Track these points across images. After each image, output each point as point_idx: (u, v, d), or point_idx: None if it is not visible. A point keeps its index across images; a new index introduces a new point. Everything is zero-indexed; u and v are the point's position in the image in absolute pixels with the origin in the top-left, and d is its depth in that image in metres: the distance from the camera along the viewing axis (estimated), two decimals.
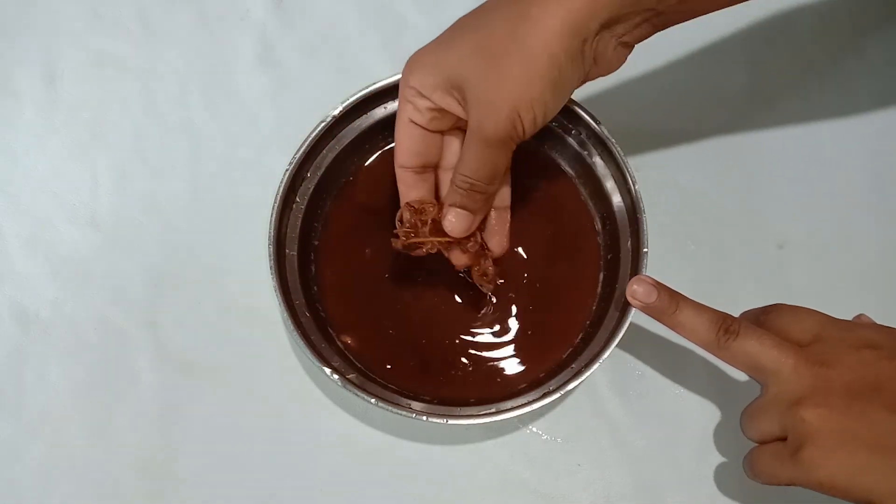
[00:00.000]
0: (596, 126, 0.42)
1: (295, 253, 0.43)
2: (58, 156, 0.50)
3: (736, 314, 0.37)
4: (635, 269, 0.40)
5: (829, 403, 0.33)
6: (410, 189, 0.39)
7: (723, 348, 0.35)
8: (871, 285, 0.46)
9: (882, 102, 0.50)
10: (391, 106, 0.44)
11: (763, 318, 0.37)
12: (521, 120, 0.34)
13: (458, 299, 0.44)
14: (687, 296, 0.37)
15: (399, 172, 0.39)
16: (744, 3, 0.36)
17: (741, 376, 0.44)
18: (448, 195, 0.38)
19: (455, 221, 0.38)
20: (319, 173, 0.44)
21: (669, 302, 0.36)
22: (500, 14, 0.34)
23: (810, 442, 0.32)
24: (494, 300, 0.44)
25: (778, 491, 0.42)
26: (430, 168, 0.40)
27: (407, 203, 0.39)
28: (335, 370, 0.39)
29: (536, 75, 0.34)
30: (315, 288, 0.44)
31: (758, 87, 0.50)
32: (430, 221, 0.39)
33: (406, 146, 0.38)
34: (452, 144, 0.39)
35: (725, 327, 0.35)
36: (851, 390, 0.33)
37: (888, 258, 0.47)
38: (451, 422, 0.38)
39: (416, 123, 0.37)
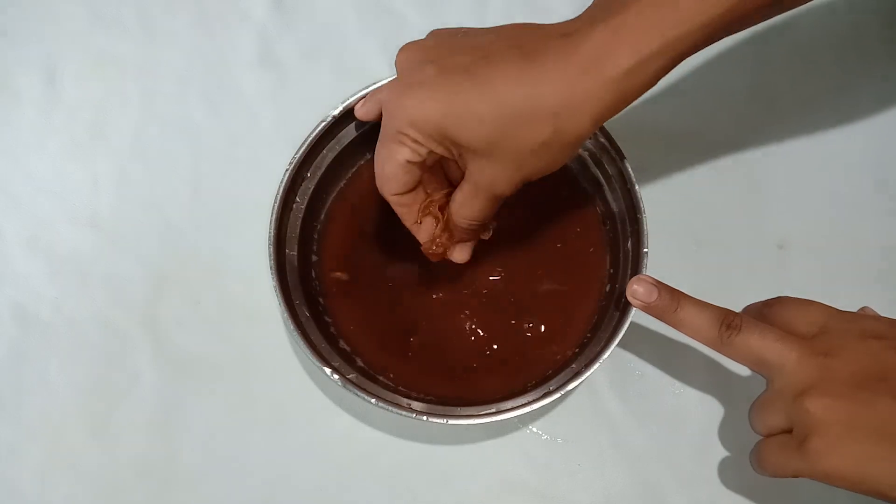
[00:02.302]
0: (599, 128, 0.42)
1: (295, 253, 0.43)
2: (58, 156, 0.50)
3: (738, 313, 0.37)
4: (636, 269, 0.40)
5: (834, 393, 0.33)
6: (411, 210, 0.38)
7: (726, 344, 0.35)
8: (871, 285, 0.46)
9: (882, 102, 0.50)
10: None
11: (766, 311, 0.37)
12: (533, 178, 0.35)
13: (458, 299, 0.44)
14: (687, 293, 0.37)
15: (392, 199, 0.38)
16: None
17: (741, 376, 0.44)
18: (453, 234, 0.39)
19: (464, 254, 0.40)
20: (319, 173, 0.44)
21: (670, 300, 0.36)
22: (514, 81, 0.32)
23: (816, 433, 0.32)
24: (494, 300, 0.44)
25: (778, 491, 0.43)
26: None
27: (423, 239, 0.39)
28: (335, 370, 0.39)
29: (559, 157, 0.34)
30: (315, 288, 0.44)
31: (758, 87, 0.50)
32: (444, 225, 0.39)
33: (401, 181, 0.37)
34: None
35: (727, 323, 0.35)
36: (857, 380, 0.33)
37: (888, 258, 0.47)
38: (451, 422, 0.38)
39: (411, 162, 0.36)
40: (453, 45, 0.35)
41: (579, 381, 0.39)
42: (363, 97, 0.42)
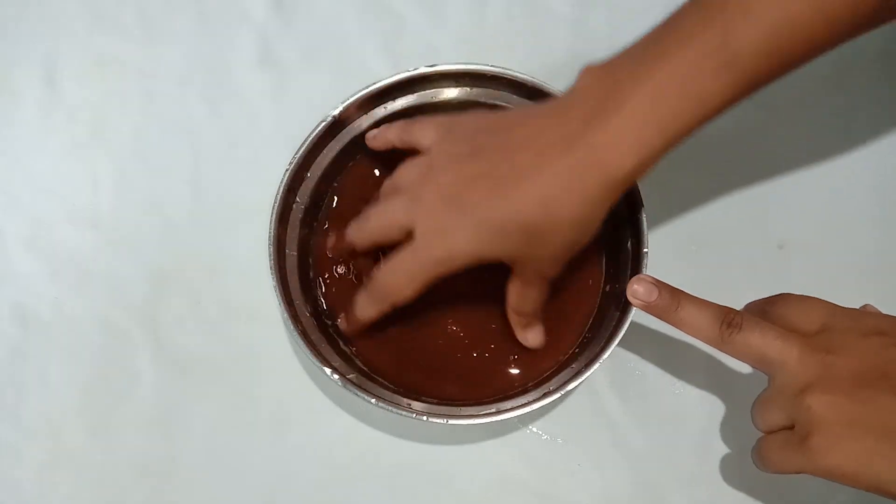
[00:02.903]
0: None
1: (295, 253, 0.43)
2: (58, 156, 0.50)
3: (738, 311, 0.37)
4: (636, 269, 0.40)
5: (835, 390, 0.33)
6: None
7: (727, 343, 0.35)
8: (871, 285, 0.46)
9: (882, 102, 0.50)
10: (391, 106, 0.45)
11: (768, 309, 0.37)
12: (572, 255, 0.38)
13: (459, 299, 0.44)
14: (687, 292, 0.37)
15: (387, 307, 0.40)
16: None
17: (742, 376, 0.44)
18: (518, 327, 0.42)
19: (537, 337, 0.42)
20: (319, 173, 0.44)
21: (671, 300, 0.36)
22: (534, 203, 0.35)
23: (818, 429, 0.32)
24: (494, 301, 0.44)
25: (779, 491, 0.43)
26: None
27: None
28: (335, 370, 0.39)
29: (587, 239, 0.37)
30: (315, 288, 0.44)
31: None
32: None
33: (411, 297, 0.39)
34: None
35: (728, 321, 0.35)
36: (858, 377, 0.33)
37: (888, 258, 0.47)
38: (451, 422, 0.38)
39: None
40: (465, 177, 0.36)
41: (579, 381, 0.39)
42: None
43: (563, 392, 0.38)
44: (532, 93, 0.43)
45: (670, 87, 0.32)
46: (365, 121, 0.44)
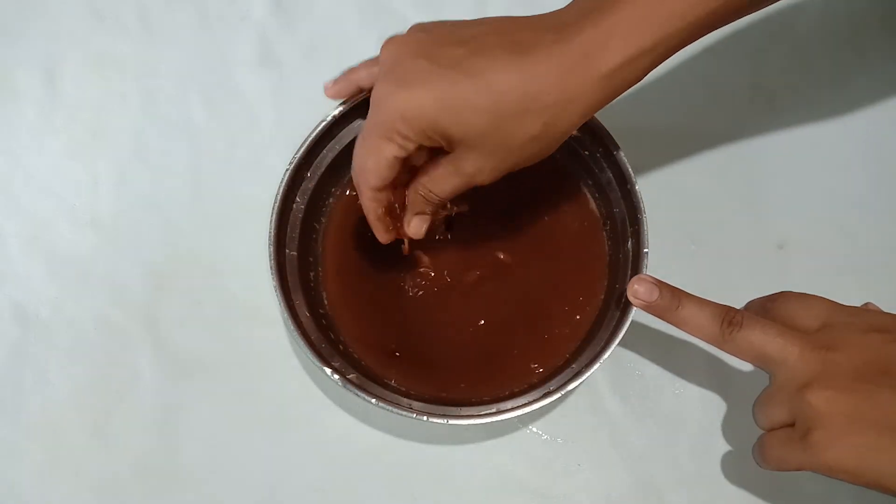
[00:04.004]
0: (596, 126, 0.42)
1: (295, 253, 0.43)
2: (58, 156, 0.50)
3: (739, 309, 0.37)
4: (636, 269, 0.40)
5: (836, 386, 0.33)
6: (380, 204, 0.38)
7: (727, 341, 0.35)
8: (871, 285, 0.46)
9: (881, 102, 0.50)
10: None
11: (769, 306, 0.38)
12: (515, 169, 0.36)
13: (460, 299, 0.44)
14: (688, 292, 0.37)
15: (368, 193, 0.37)
16: None
17: (742, 375, 0.44)
18: (413, 204, 0.38)
19: (420, 226, 0.39)
20: (319, 173, 0.44)
21: (671, 299, 0.36)
22: (509, 74, 0.32)
23: (818, 425, 0.32)
24: (494, 301, 0.44)
25: (780, 490, 0.43)
26: None
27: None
28: (335, 370, 0.39)
29: (545, 150, 0.35)
30: (315, 288, 0.44)
31: (758, 87, 0.50)
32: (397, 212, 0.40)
33: (382, 176, 0.36)
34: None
35: (729, 320, 0.35)
36: (859, 373, 0.33)
37: (888, 258, 0.47)
38: (451, 422, 0.38)
39: (397, 158, 0.36)
40: (443, 39, 0.34)
41: (579, 381, 0.39)
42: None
43: (563, 392, 0.38)
44: None
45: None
46: None
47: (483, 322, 0.44)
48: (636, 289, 0.36)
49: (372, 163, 0.36)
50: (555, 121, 0.33)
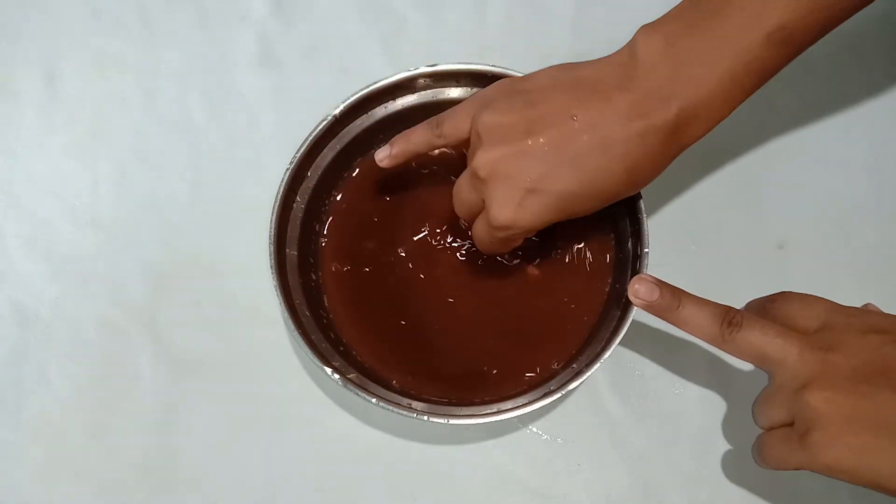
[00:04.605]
0: None
1: (295, 253, 0.43)
2: (58, 156, 0.50)
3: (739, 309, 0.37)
4: (636, 269, 0.40)
5: (835, 387, 0.33)
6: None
7: (727, 341, 0.35)
8: (871, 285, 0.46)
9: (881, 102, 0.50)
10: (391, 106, 0.45)
11: (769, 307, 0.38)
12: None
13: (459, 300, 0.44)
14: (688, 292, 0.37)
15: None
16: None
17: (742, 375, 0.44)
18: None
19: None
20: (319, 173, 0.44)
21: (672, 299, 0.36)
22: (604, 174, 0.36)
23: (817, 425, 0.32)
24: (495, 301, 0.44)
25: (780, 490, 0.43)
26: None
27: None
28: (335, 370, 0.39)
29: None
30: (315, 288, 0.44)
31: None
32: None
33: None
34: None
35: (728, 320, 0.35)
36: (858, 374, 0.33)
37: (888, 258, 0.47)
38: (451, 422, 0.38)
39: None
40: (530, 153, 0.36)
41: (579, 381, 0.39)
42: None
43: (563, 392, 0.38)
44: None
45: (737, 69, 0.35)
46: (365, 121, 0.44)
47: (483, 322, 0.44)
48: (637, 288, 0.36)
49: (498, 248, 0.41)
50: (644, 185, 0.39)
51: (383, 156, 0.41)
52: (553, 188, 0.36)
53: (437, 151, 0.46)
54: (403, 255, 0.44)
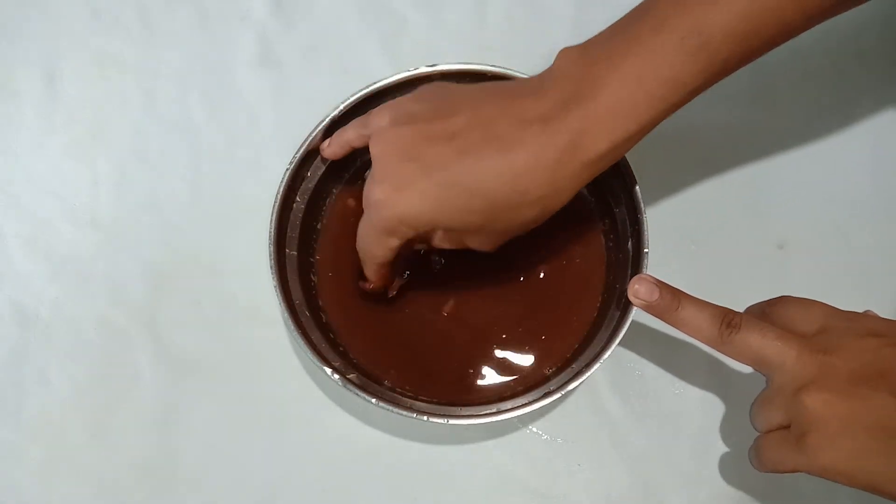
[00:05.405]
0: None
1: (295, 253, 0.43)
2: (58, 156, 0.50)
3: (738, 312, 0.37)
4: (636, 269, 0.40)
5: (832, 389, 0.33)
6: (383, 269, 0.40)
7: (726, 343, 0.35)
8: (871, 285, 0.46)
9: (881, 103, 0.50)
10: None
11: (769, 311, 0.38)
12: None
13: (458, 300, 0.44)
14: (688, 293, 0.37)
15: (375, 267, 0.40)
16: None
17: (742, 376, 0.44)
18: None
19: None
20: (319, 173, 0.44)
21: (671, 300, 0.36)
22: (499, 176, 0.34)
23: (814, 427, 0.32)
24: (494, 302, 0.44)
25: (779, 491, 0.43)
26: None
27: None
28: (335, 370, 0.39)
29: (541, 222, 0.37)
30: (315, 288, 0.44)
31: (758, 88, 0.50)
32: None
33: (389, 256, 0.38)
34: None
35: (728, 322, 0.35)
36: (855, 376, 0.33)
37: (888, 258, 0.47)
38: (451, 422, 0.38)
39: (400, 244, 0.37)
40: (427, 134, 0.35)
41: (579, 381, 0.39)
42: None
43: (563, 392, 0.38)
44: None
45: (645, 72, 0.33)
46: None
47: (483, 323, 0.44)
48: (637, 288, 0.36)
49: (379, 251, 0.38)
50: (546, 206, 0.35)
51: (324, 146, 0.43)
52: (435, 173, 0.34)
53: None
54: (402, 255, 0.44)
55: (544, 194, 0.34)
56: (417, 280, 0.44)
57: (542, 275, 0.44)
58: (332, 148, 0.42)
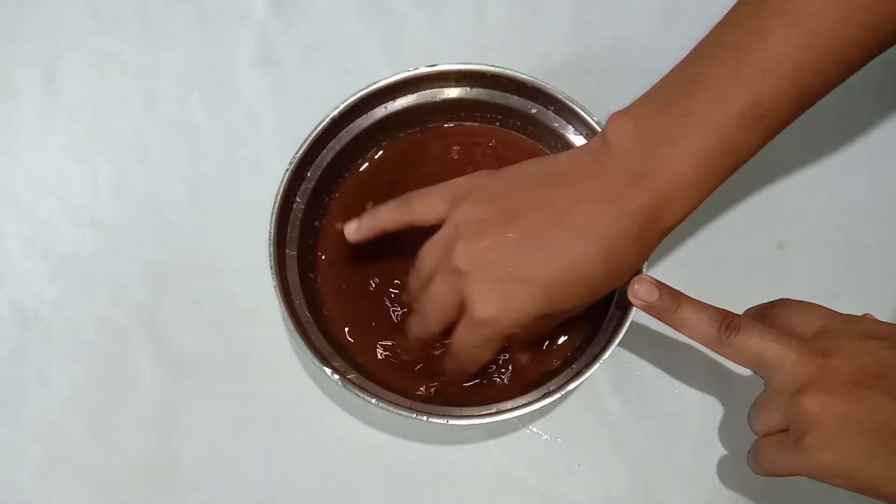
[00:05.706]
0: (596, 126, 0.42)
1: (295, 253, 0.43)
2: (58, 156, 0.50)
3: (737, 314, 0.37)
4: None
5: (831, 391, 0.33)
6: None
7: (725, 345, 0.35)
8: (870, 285, 0.46)
9: (881, 103, 0.50)
10: (391, 106, 0.45)
11: (768, 313, 0.38)
12: None
13: None
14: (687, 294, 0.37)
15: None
16: None
17: (742, 377, 0.44)
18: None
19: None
20: (319, 173, 0.44)
21: (671, 300, 0.36)
22: (592, 265, 0.35)
23: (813, 429, 0.33)
24: None
25: (779, 491, 0.43)
26: None
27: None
28: (335, 370, 0.39)
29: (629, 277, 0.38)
30: (315, 288, 0.44)
31: None
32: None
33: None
34: None
35: (727, 323, 0.35)
36: (854, 378, 0.33)
37: (888, 258, 0.47)
38: (451, 422, 0.38)
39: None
40: (512, 243, 0.36)
41: (579, 381, 0.39)
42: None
43: (563, 392, 0.38)
44: (532, 93, 0.43)
45: (710, 149, 0.34)
46: (365, 121, 0.44)
47: None
48: (636, 289, 0.37)
49: (489, 355, 0.39)
50: (634, 268, 0.37)
51: (351, 230, 0.41)
52: (535, 277, 0.35)
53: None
54: (404, 255, 0.44)
55: (633, 263, 0.37)
56: None
57: None
58: (362, 233, 0.41)
